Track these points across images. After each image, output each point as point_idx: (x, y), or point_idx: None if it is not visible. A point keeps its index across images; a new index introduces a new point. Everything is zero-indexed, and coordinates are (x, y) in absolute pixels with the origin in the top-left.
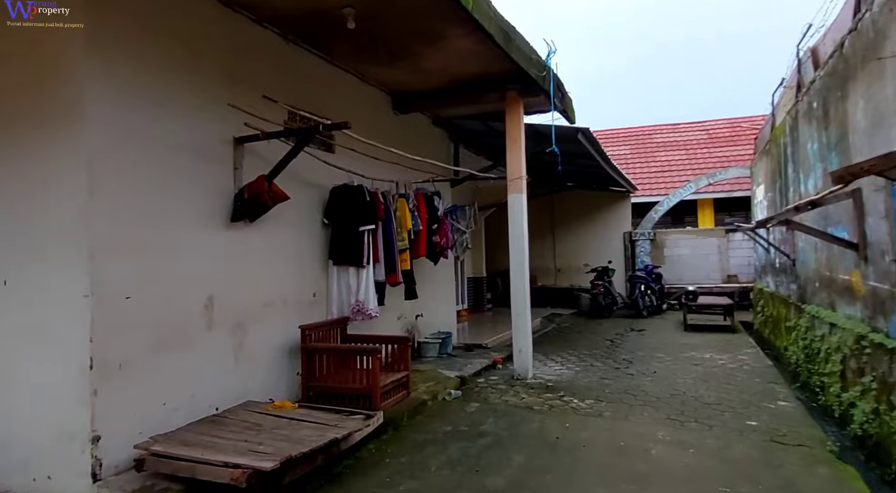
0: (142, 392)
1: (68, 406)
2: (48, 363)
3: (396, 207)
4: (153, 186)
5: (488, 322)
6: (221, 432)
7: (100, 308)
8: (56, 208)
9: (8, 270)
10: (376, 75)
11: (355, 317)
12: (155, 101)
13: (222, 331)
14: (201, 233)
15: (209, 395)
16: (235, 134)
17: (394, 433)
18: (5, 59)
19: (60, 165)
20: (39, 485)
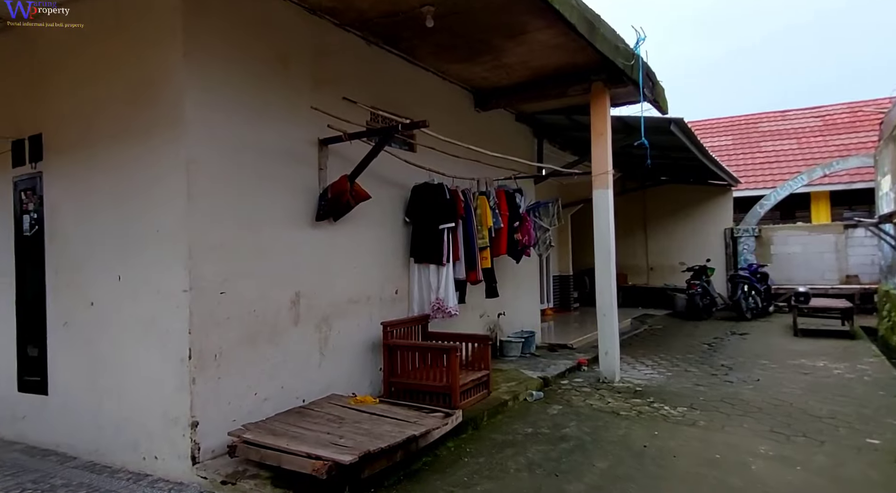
0: (235, 382)
1: (171, 393)
2: (154, 353)
3: (477, 205)
4: (245, 187)
5: (574, 322)
6: (306, 423)
7: (197, 303)
8: (159, 209)
9: (121, 266)
10: (457, 73)
11: (436, 315)
12: (247, 106)
13: (308, 326)
14: (289, 232)
15: (296, 387)
16: (320, 136)
17: (473, 433)
18: (115, 65)
19: (163, 168)
20: (148, 464)
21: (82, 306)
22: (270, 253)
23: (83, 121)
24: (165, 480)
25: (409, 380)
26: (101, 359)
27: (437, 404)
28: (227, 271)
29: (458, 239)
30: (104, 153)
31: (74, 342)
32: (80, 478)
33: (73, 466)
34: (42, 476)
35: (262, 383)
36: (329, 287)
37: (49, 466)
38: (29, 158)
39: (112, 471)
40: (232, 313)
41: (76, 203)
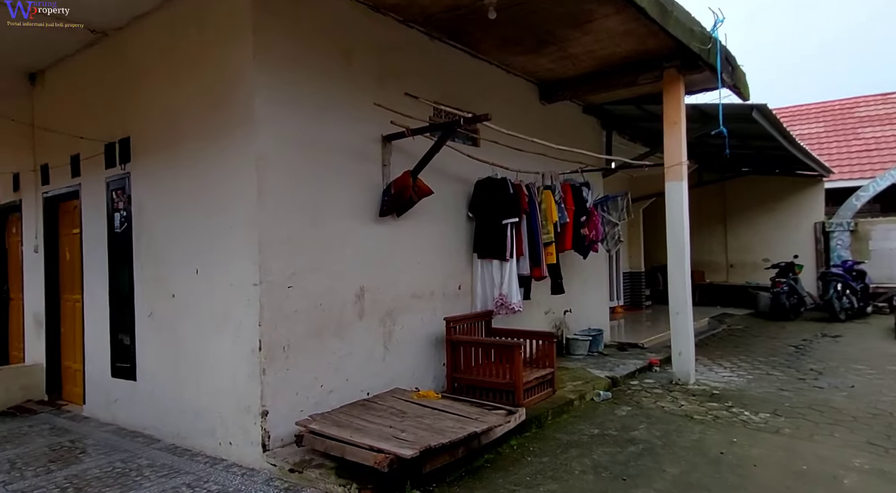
0: (302, 374)
1: (243, 383)
2: (227, 344)
3: (541, 200)
4: (311, 183)
5: (646, 321)
6: (370, 416)
7: (266, 296)
8: (232, 205)
9: (198, 260)
10: (521, 65)
11: (499, 311)
12: (313, 103)
13: (373, 320)
14: (353, 227)
15: (361, 380)
16: (383, 132)
17: (537, 431)
18: (195, 68)
19: (235, 165)
20: (223, 450)
21: (165, 298)
22: (335, 248)
23: (166, 122)
24: (239, 465)
25: (472, 376)
26: (181, 348)
27: (500, 401)
28: (294, 265)
29: (521, 234)
30: (184, 153)
31: (159, 332)
32: (163, 459)
33: (157, 448)
34: (130, 456)
35: (328, 376)
36: (393, 282)
37: (136, 447)
38: (119, 160)
39: (191, 454)
40: (299, 306)
41: (159, 201)
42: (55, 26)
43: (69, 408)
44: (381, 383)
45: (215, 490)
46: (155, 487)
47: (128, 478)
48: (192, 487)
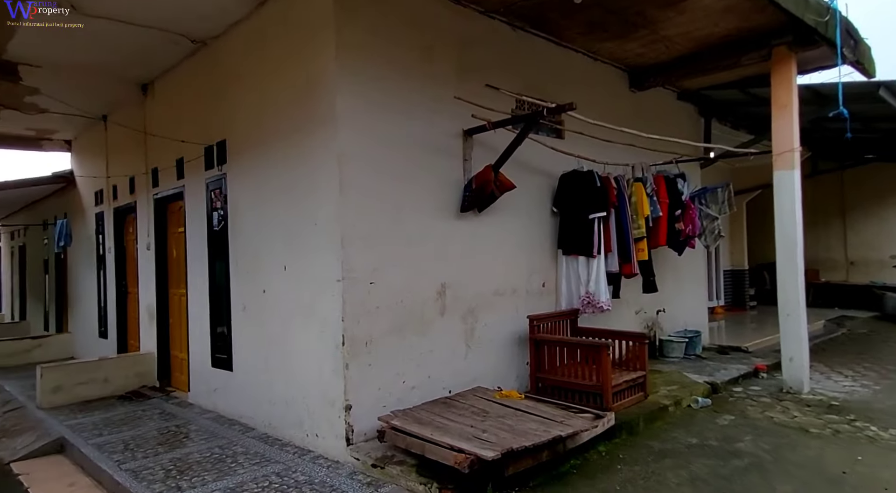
0: (385, 369)
1: (328, 377)
2: (314, 338)
3: (631, 193)
4: (391, 179)
5: (750, 322)
6: (451, 414)
7: (349, 292)
8: (316, 202)
9: (286, 256)
10: (609, 51)
11: (585, 309)
12: (393, 99)
13: (454, 317)
14: (434, 223)
15: (443, 377)
16: (464, 126)
17: (627, 438)
18: (282, 69)
19: (319, 163)
20: (311, 441)
21: (257, 293)
22: (416, 244)
23: (256, 124)
24: (324, 457)
25: (557, 377)
26: (272, 342)
27: (587, 403)
28: (375, 261)
29: (610, 229)
30: (272, 152)
31: (251, 326)
32: (256, 448)
33: (251, 436)
34: (228, 443)
35: (410, 372)
36: (474, 279)
37: (233, 434)
38: (216, 162)
39: (282, 444)
40: (381, 302)
41: (251, 200)
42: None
43: (176, 395)
44: (462, 380)
45: (302, 481)
46: (248, 474)
47: (224, 464)
48: (281, 476)
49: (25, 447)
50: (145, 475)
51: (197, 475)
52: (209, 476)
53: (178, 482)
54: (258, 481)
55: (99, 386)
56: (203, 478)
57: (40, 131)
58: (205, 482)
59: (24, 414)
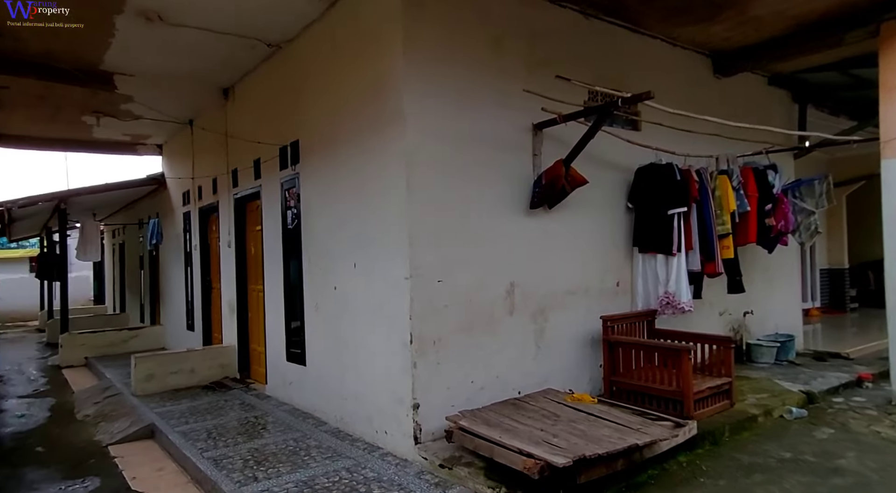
0: (453, 369)
1: (396, 374)
2: (382, 335)
3: (715, 186)
4: (459, 176)
5: (850, 326)
6: (520, 416)
7: (417, 290)
8: (384, 200)
9: (356, 254)
10: (691, 36)
11: (664, 310)
12: (460, 95)
13: (524, 316)
14: (502, 220)
15: (512, 378)
16: (534, 120)
17: (711, 448)
18: (352, 69)
19: (386, 161)
20: (380, 438)
21: (328, 290)
22: (484, 242)
23: (327, 124)
24: (393, 455)
25: (633, 381)
26: (343, 338)
27: (666, 410)
28: (443, 259)
29: (691, 225)
30: (342, 152)
31: (323, 322)
32: (328, 442)
33: (324, 430)
34: (301, 436)
35: (478, 372)
36: (544, 277)
37: (307, 427)
38: (290, 162)
39: (352, 440)
40: (449, 300)
41: (323, 199)
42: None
43: (255, 386)
44: (532, 382)
45: (371, 478)
46: (319, 468)
47: (297, 456)
48: (351, 472)
49: (121, 431)
50: (225, 463)
51: (272, 467)
52: (283, 468)
53: (255, 473)
54: (329, 475)
55: (186, 376)
56: (278, 469)
57: (135, 137)
58: (279, 473)
59: (121, 400)
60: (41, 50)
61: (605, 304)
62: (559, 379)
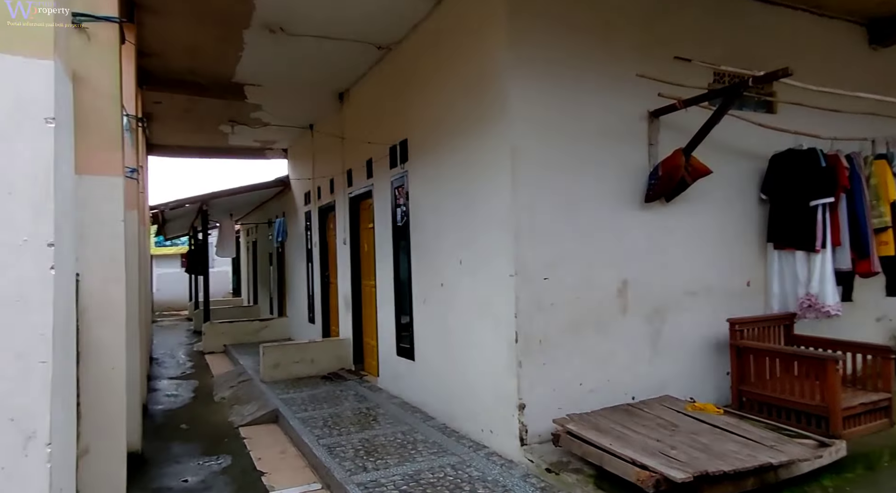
0: (559, 369)
1: (501, 373)
2: (488, 333)
3: (871, 173)
4: (567, 171)
5: None
6: (633, 424)
7: (522, 287)
8: (489, 197)
9: (461, 251)
10: (839, 3)
11: (805, 314)
12: (569, 86)
13: (637, 317)
14: (614, 215)
15: (624, 382)
16: (649, 107)
17: (864, 474)
18: (457, 65)
19: (490, 158)
20: (485, 437)
21: (435, 287)
22: (594, 238)
23: (433, 121)
24: (498, 455)
25: (766, 392)
26: (449, 334)
27: (806, 427)
28: (549, 256)
29: (838, 218)
30: (448, 149)
31: (431, 318)
32: (434, 437)
33: (431, 425)
34: (409, 430)
35: (587, 374)
36: (661, 275)
37: (415, 421)
38: (399, 160)
39: (458, 436)
40: (556, 298)
41: (430, 195)
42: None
43: (368, 379)
44: (647, 387)
45: (475, 477)
46: (425, 462)
47: (405, 450)
48: (456, 469)
49: (250, 414)
50: (338, 451)
51: (381, 458)
52: (391, 460)
53: (365, 463)
54: (434, 471)
55: (307, 366)
56: (386, 461)
57: (264, 142)
58: (387, 465)
59: (251, 386)
60: (184, 67)
61: (733, 305)
62: (678, 386)
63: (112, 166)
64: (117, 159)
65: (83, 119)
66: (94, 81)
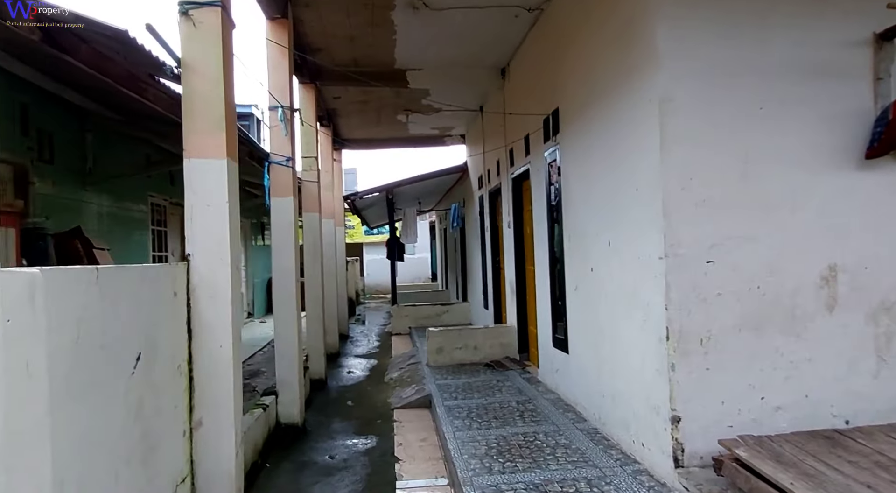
0: (730, 378)
1: (651, 377)
2: (636, 326)
3: None
4: (741, 124)
5: None
6: (836, 459)
7: (675, 273)
8: (635, 163)
9: (609, 231)
10: None
11: None
12: (738, 16)
13: (854, 315)
14: (815, 179)
15: (831, 399)
16: (876, 28)
17: None
18: (603, 15)
19: (638, 115)
20: (637, 450)
21: (585, 272)
22: (782, 210)
23: (581, 84)
24: (648, 473)
25: None
26: (600, 327)
27: None
28: (715, 234)
29: None
30: (595, 113)
31: (582, 308)
32: (579, 444)
33: (581, 428)
34: (554, 431)
35: (772, 385)
36: (892, 260)
37: (564, 422)
38: (552, 133)
39: (607, 445)
40: (724, 288)
41: (579, 169)
42: (502, 10)
43: (530, 369)
44: (870, 410)
45: None
46: (559, 472)
47: (541, 454)
48: (591, 485)
49: (407, 397)
50: (471, 446)
51: (510, 460)
52: (521, 464)
53: (492, 463)
54: (565, 483)
55: (470, 352)
56: (515, 465)
57: (441, 129)
58: (515, 469)
59: (417, 369)
60: (348, 58)
61: None
62: None
63: (216, 149)
64: (221, 142)
65: (189, 104)
66: (200, 67)
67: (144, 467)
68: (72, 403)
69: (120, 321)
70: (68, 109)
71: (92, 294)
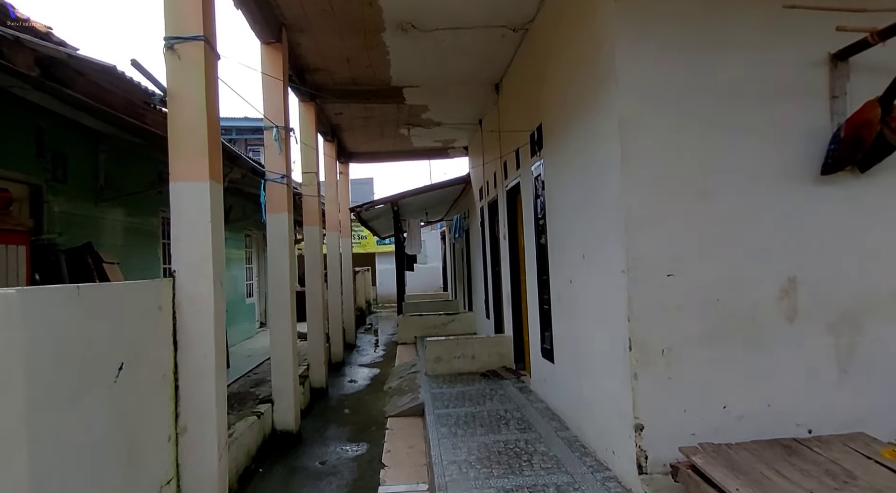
0: (692, 387)
1: (616, 386)
2: (605, 338)
3: None
4: (699, 144)
5: None
6: (789, 467)
7: (636, 285)
8: (600, 178)
9: (583, 244)
10: None
11: None
12: (698, 36)
13: (814, 326)
14: (774, 194)
15: (794, 410)
16: (830, 49)
17: None
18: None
19: (601, 133)
20: (608, 458)
21: (566, 284)
22: (742, 224)
23: (559, 102)
24: (617, 481)
25: None
26: (576, 337)
27: None
28: (674, 248)
29: None
30: (571, 131)
31: (563, 317)
32: (557, 450)
33: (562, 436)
34: (535, 438)
35: (734, 395)
36: (852, 271)
37: (546, 430)
38: (537, 147)
39: (583, 453)
40: (684, 300)
41: (557, 183)
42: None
43: (525, 379)
44: (833, 420)
45: None
46: (531, 478)
47: (518, 460)
48: (560, 491)
49: (401, 406)
50: (451, 454)
51: (487, 467)
52: (497, 470)
53: (469, 469)
54: (535, 489)
55: (468, 361)
56: (490, 471)
57: (444, 141)
58: (490, 475)
59: (416, 378)
60: (347, 78)
61: None
62: (881, 422)
63: (199, 173)
64: (204, 166)
65: (175, 131)
66: (184, 96)
67: (130, 469)
68: (52, 410)
69: (102, 334)
70: (83, 132)
71: (73, 310)
